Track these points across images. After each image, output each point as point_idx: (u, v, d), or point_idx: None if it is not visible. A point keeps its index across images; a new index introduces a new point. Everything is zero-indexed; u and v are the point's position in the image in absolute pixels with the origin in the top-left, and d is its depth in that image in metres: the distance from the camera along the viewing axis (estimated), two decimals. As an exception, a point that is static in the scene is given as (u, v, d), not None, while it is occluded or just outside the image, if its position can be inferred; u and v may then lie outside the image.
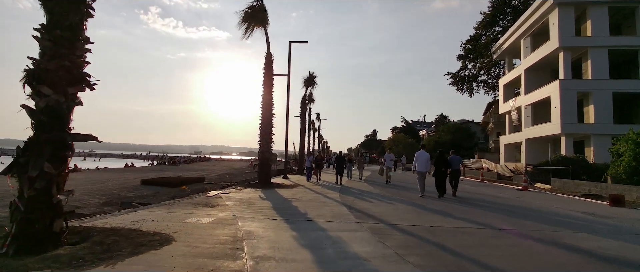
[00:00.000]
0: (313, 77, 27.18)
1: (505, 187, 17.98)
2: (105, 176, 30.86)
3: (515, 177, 21.67)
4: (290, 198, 10.93)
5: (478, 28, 45.25)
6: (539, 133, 27.99)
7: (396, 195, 12.29)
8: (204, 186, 20.80)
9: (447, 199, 11.58)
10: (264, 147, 15.47)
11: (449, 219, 7.83)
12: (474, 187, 17.80)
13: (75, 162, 41.95)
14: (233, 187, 14.43)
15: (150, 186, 22.31)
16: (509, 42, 33.90)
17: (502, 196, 13.59)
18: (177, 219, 6.87)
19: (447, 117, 79.39)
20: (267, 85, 15.88)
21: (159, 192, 19.00)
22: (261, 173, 15.32)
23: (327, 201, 10.43)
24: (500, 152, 36.33)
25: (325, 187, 14.91)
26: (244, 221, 6.90)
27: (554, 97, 25.67)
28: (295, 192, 12.76)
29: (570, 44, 25.70)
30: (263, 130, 15.56)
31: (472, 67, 46.84)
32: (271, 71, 16.14)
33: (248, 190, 13.17)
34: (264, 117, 15.62)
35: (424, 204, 10.14)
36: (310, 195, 11.88)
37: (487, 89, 48.68)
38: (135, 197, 16.56)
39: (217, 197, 10.53)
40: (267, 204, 9.45)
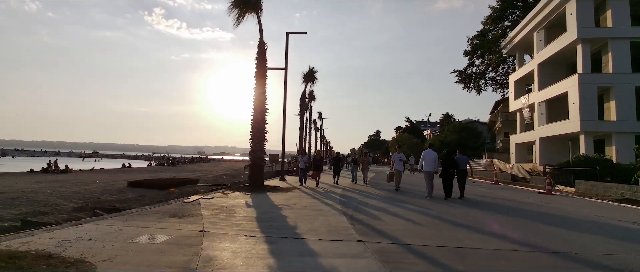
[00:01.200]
0: (313, 73, 25.52)
1: (524, 190, 16.23)
2: (95, 177, 29.44)
3: (532, 179, 19.90)
4: (282, 205, 9.27)
5: (486, 23, 43.44)
6: (554, 131, 26.18)
7: (406, 201, 10.56)
8: (195, 188, 19.27)
9: (466, 205, 9.90)
10: (256, 146, 13.82)
11: (478, 234, 6.14)
12: (489, 190, 16.07)
13: (66, 163, 40.65)
14: (220, 191, 12.79)
15: (137, 188, 20.91)
16: (520, 35, 32.10)
17: (526, 200, 11.85)
18: (123, 238, 5.23)
19: (452, 116, 77.47)
20: (260, 77, 14.24)
21: (144, 195, 17.56)
22: (252, 175, 13.67)
23: (325, 208, 8.76)
24: (511, 152, 34.51)
25: (323, 191, 13.20)
26: (211, 240, 5.26)
27: (572, 92, 23.88)
28: (289, 196, 11.10)
29: (590, 36, 23.90)
30: (255, 128, 13.92)
31: (479, 63, 44.99)
32: (264, 62, 14.50)
33: (236, 194, 11.54)
34: (256, 113, 13.97)
35: (440, 214, 8.43)
36: (305, 201, 10.21)
37: (495, 86, 46.86)
38: (116, 201, 15.01)
39: (194, 204, 8.89)
40: (251, 214, 7.79)
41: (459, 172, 11.46)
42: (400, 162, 14.22)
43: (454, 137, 60.09)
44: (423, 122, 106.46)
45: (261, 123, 14.00)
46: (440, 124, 79.02)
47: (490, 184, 19.62)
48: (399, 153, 14.45)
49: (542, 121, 28.15)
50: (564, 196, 14.15)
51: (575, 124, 23.41)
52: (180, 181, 23.04)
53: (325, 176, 22.40)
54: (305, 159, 16.80)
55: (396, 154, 14.39)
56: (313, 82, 25.61)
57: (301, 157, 17.17)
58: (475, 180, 22.52)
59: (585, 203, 11.66)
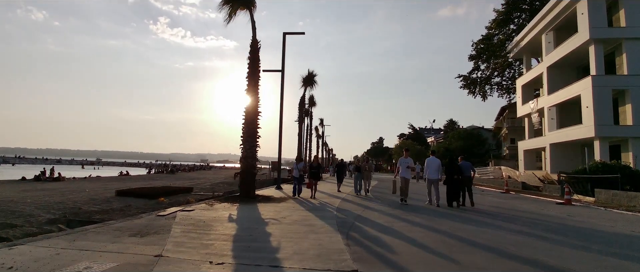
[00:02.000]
0: (312, 76, 24.44)
1: (539, 200, 14.95)
2: (87, 185, 28.39)
3: (545, 188, 18.61)
4: (269, 218, 8.10)
5: (491, 27, 42.38)
6: (566, 137, 24.90)
7: (414, 216, 9.31)
8: (187, 197, 18.20)
9: (480, 217, 8.68)
10: (247, 152, 12.68)
11: (505, 260, 4.93)
12: (501, 199, 14.81)
13: (60, 171, 39.67)
14: (206, 201, 11.62)
15: (125, 198, 19.85)
16: (528, 38, 30.96)
17: (545, 212, 10.60)
18: (50, 267, 4.08)
19: (456, 122, 76.10)
20: (252, 77, 13.15)
21: (130, 204, 16.45)
22: (243, 184, 12.51)
23: (318, 224, 7.57)
24: (520, 159, 33.16)
25: (320, 203, 11.97)
26: (165, 267, 4.10)
27: (585, 95, 22.64)
28: (281, 208, 9.92)
29: (602, 36, 22.72)
30: (246, 132, 12.79)
31: (485, 68, 43.83)
32: (257, 62, 13.43)
33: (222, 205, 10.38)
34: (248, 116, 12.86)
35: (454, 230, 7.22)
36: (297, 213, 9.02)
37: (501, 91, 45.58)
38: (97, 212, 13.90)
39: (168, 218, 7.74)
40: (230, 230, 6.63)
41: (464, 179, 11.26)
42: (407, 168, 11.86)
43: (459, 143, 58.79)
44: (426, 129, 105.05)
45: (253, 127, 12.87)
46: (444, 130, 77.61)
47: (500, 193, 18.35)
48: (406, 157, 12.03)
49: (552, 126, 26.88)
50: (584, 206, 12.88)
51: (589, 129, 22.13)
52: (173, 189, 21.92)
53: (326, 185, 21.27)
54: (301, 167, 14.38)
55: (403, 159, 12.11)
56: (312, 86, 24.52)
57: (296, 164, 14.99)
58: (484, 188, 21.27)
59: (613, 215, 10.39)
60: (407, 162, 11.95)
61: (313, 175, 13.75)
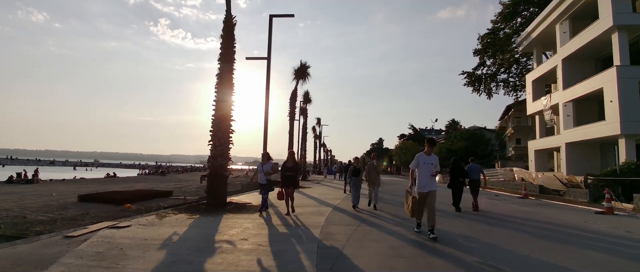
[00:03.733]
0: (305, 68, 22.05)
1: (568, 207, 12.56)
2: (60, 188, 26.10)
3: (569, 192, 16.23)
4: (223, 241, 5.74)
5: (497, 21, 40.03)
6: (585, 135, 22.53)
7: (434, 251, 6.89)
8: (159, 203, 15.90)
9: (516, 236, 6.32)
10: (217, 150, 10.29)
11: None
12: (522, 206, 12.43)
13: (42, 173, 37.36)
14: (160, 212, 9.25)
15: (87, 203, 17.52)
16: (539, 29, 28.62)
17: (593, 227, 8.20)
18: None
19: (459, 122, 73.76)
20: (226, 59, 10.78)
21: (87, 212, 14.07)
22: (211, 189, 10.10)
23: (287, 250, 5.18)
24: (530, 159, 30.79)
25: (299, 220, 9.53)
26: None
27: (609, 88, 20.30)
28: (250, 223, 7.54)
29: (627, 22, 20.38)
30: (217, 125, 10.42)
31: (490, 63, 41.46)
32: (232, 42, 11.06)
33: (176, 217, 8.02)
34: (219, 106, 10.48)
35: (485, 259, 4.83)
36: (263, 235, 6.60)
37: (507, 89, 43.20)
38: (42, 223, 11.53)
39: (75, 242, 5.38)
40: (148, 266, 4.26)
41: (472, 183, 10.73)
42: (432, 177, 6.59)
43: (461, 144, 56.46)
44: (427, 129, 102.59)
45: (225, 120, 10.49)
46: (445, 131, 75.21)
47: (517, 197, 15.97)
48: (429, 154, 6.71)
49: (569, 124, 24.52)
50: (630, 216, 10.49)
51: (613, 125, 19.78)
52: (148, 193, 19.55)
53: (320, 189, 18.88)
54: (268, 168, 9.31)
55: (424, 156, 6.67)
56: (306, 79, 22.14)
57: (260, 166, 9.52)
58: (498, 192, 18.89)
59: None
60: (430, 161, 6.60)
61: (288, 180, 9.09)
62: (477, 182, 10.84)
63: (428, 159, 6.61)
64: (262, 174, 9.39)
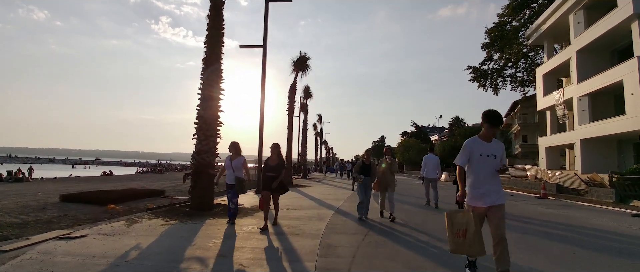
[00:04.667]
0: (305, 59, 20.74)
1: (597, 209, 11.26)
2: (49, 187, 24.94)
3: (592, 191, 14.93)
4: (195, 257, 4.49)
5: (504, 13, 38.58)
6: (603, 131, 21.19)
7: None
8: (146, 203, 14.70)
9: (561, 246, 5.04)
10: (203, 145, 9.02)
11: None
12: (548, 208, 11.13)
13: (32, 168, 36.27)
14: (136, 215, 8.00)
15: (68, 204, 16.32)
16: (551, 20, 27.22)
17: (637, 233, 6.92)
18: None
19: (462, 120, 72.36)
20: (212, 42, 9.51)
21: (67, 214, 12.83)
22: (195, 189, 8.83)
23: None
24: (540, 157, 29.46)
25: (289, 229, 8.25)
26: None
27: (630, 81, 18.95)
28: (232, 233, 6.29)
29: (650, 10, 19.03)
30: (202, 117, 9.15)
31: (497, 58, 40.05)
32: (221, 22, 9.78)
33: (153, 222, 6.79)
34: (206, 96, 9.21)
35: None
36: (248, 250, 5.33)
37: (514, 84, 41.74)
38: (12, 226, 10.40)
39: (4, 260, 4.11)
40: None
41: None
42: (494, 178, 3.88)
43: (466, 142, 55.21)
44: (430, 127, 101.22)
45: (212, 111, 9.22)
46: (448, 128, 73.81)
47: (536, 197, 14.67)
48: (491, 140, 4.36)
49: (584, 119, 23.17)
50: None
51: (634, 120, 18.44)
52: (138, 193, 18.31)
53: (319, 188, 17.58)
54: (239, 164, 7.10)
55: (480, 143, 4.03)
56: (305, 72, 20.83)
57: (229, 160, 7.23)
58: (513, 192, 17.59)
59: None
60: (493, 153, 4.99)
61: (270, 183, 6.69)
62: None
63: (488, 148, 3.81)
64: (230, 171, 7.03)
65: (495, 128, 3.81)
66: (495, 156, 3.82)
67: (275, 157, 6.81)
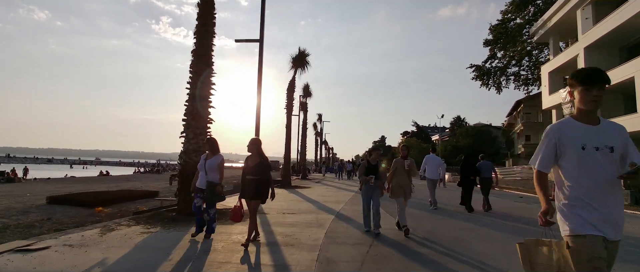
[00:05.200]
0: (304, 56, 19.99)
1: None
2: (40, 188, 24.21)
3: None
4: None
5: (507, 10, 37.85)
6: (613, 130, 20.45)
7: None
8: (137, 206, 14.00)
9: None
10: (191, 143, 8.28)
11: None
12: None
13: (27, 168, 35.57)
14: (115, 221, 7.26)
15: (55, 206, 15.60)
16: (557, 17, 26.49)
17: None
18: None
19: (464, 119, 71.60)
20: (203, 30, 8.77)
21: (51, 217, 12.13)
22: (182, 193, 8.08)
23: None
24: (546, 157, 28.67)
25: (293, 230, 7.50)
26: None
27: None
28: (217, 244, 5.55)
29: (663, 4, 18.32)
30: (191, 113, 8.41)
31: (501, 56, 39.31)
32: (212, 9, 9.04)
33: (131, 230, 6.07)
34: (194, 92, 8.47)
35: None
36: (240, 255, 4.63)
37: (518, 83, 41.04)
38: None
39: None
40: None
41: (483, 181, 10.22)
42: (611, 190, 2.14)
43: (467, 141, 54.48)
44: (430, 127, 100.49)
45: (203, 106, 8.47)
46: (450, 128, 73.04)
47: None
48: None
49: (592, 118, 22.40)
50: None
51: (647, 119, 17.75)
52: (131, 194, 17.60)
53: (319, 189, 16.76)
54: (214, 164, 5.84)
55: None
56: (305, 68, 20.08)
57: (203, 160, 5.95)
58: (523, 194, 16.86)
59: None
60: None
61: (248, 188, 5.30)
62: (489, 181, 10.28)
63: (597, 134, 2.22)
64: (203, 173, 5.83)
65: (596, 89, 2.26)
66: (613, 148, 2.18)
67: (255, 156, 5.38)
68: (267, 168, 5.36)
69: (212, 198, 5.72)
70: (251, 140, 5.49)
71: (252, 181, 5.24)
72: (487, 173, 10.28)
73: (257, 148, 5.43)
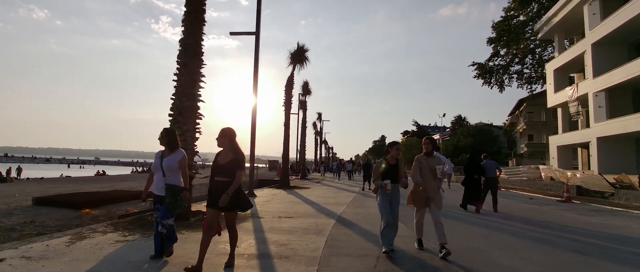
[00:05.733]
0: (303, 51, 19.26)
1: (634, 215, 9.82)
2: (33, 188, 23.49)
3: (619, 194, 13.51)
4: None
5: (510, 8, 37.13)
6: (623, 128, 19.78)
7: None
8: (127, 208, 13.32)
9: None
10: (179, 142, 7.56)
11: None
12: (583, 214, 9.67)
13: (21, 168, 34.87)
14: (90, 228, 6.55)
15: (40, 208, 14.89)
16: (563, 12, 25.78)
17: None
18: None
19: (465, 119, 70.98)
20: (191, 20, 8.05)
21: (34, 220, 11.49)
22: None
23: None
24: (551, 156, 28.05)
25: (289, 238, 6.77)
26: None
27: (655, 74, 17.56)
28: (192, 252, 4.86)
29: (675, -2, 17.63)
30: (178, 109, 7.69)
31: (504, 54, 38.60)
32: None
33: (105, 238, 5.38)
34: (182, 84, 7.76)
35: None
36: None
37: (521, 81, 40.31)
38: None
39: None
40: None
41: (489, 180, 10.05)
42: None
43: (469, 141, 53.86)
44: (431, 126, 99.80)
45: (191, 100, 7.75)
46: (451, 127, 72.37)
47: (558, 201, 13.23)
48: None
49: (601, 116, 21.73)
50: None
51: (660, 116, 17.06)
52: (123, 195, 16.91)
53: (319, 190, 16.00)
54: (173, 163, 4.45)
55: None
56: (304, 64, 19.34)
57: (157, 159, 4.56)
58: (532, 195, 16.15)
59: None
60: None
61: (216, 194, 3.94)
62: (495, 181, 10.17)
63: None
64: (160, 175, 4.44)
65: None
66: None
67: (227, 151, 4.08)
68: (236, 166, 3.98)
69: (175, 206, 4.34)
70: (222, 130, 4.12)
71: (222, 184, 3.93)
72: (491, 173, 10.09)
73: (230, 141, 4.08)
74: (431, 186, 5.11)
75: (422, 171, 5.19)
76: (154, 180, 4.52)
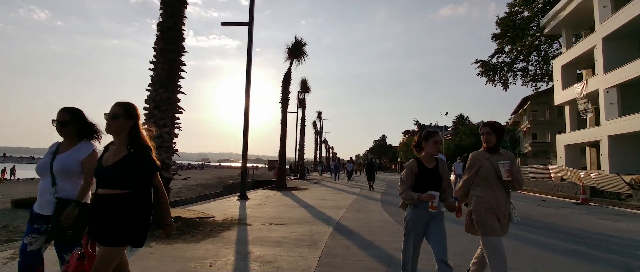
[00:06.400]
0: (301, 45, 18.31)
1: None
2: (17, 189, 22.84)
3: (638, 195, 12.57)
4: None
5: (514, 4, 36.20)
6: (636, 126, 18.85)
7: None
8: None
9: None
10: (154, 139, 6.65)
11: None
12: (606, 219, 8.72)
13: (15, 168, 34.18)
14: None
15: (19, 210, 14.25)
16: (571, 6, 24.81)
17: None
18: None
19: (467, 118, 70.01)
20: (171, 1, 7.13)
21: (7, 225, 10.82)
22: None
23: None
24: (559, 156, 27.11)
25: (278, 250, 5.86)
26: None
27: (671, 68, 16.62)
28: (175, 267, 3.95)
29: (694, -12, 16.70)
30: (154, 102, 6.79)
31: (508, 50, 37.67)
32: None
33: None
34: (160, 74, 6.85)
35: None
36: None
37: (526, 79, 39.39)
38: None
39: None
40: None
41: None
42: None
43: (471, 140, 52.86)
44: (432, 125, 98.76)
45: (169, 91, 6.84)
46: (452, 127, 71.39)
47: (574, 203, 12.29)
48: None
49: (612, 113, 20.79)
50: None
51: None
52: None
53: (318, 191, 15.05)
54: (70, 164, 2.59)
55: None
56: (301, 59, 18.39)
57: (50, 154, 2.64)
58: (545, 197, 15.20)
59: None
60: None
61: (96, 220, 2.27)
62: None
63: None
64: (46, 181, 2.58)
65: None
66: None
67: (121, 143, 2.39)
68: (145, 168, 2.36)
69: (64, 231, 2.50)
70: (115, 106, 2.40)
71: (103, 199, 2.26)
72: None
73: (123, 125, 2.38)
74: (498, 197, 3.18)
75: (482, 175, 3.22)
76: (38, 190, 2.65)
